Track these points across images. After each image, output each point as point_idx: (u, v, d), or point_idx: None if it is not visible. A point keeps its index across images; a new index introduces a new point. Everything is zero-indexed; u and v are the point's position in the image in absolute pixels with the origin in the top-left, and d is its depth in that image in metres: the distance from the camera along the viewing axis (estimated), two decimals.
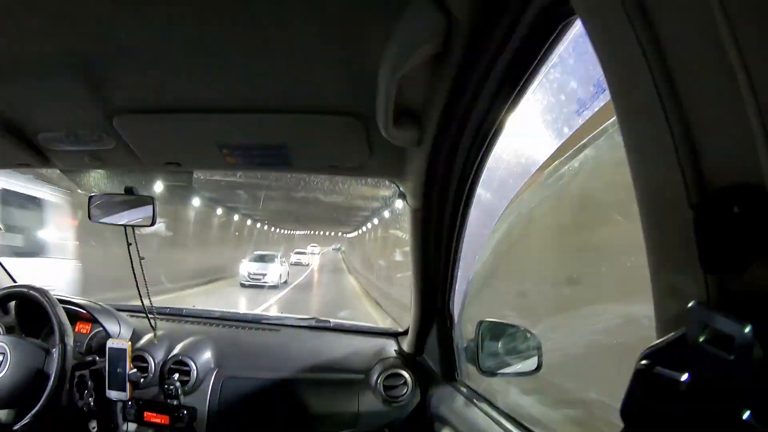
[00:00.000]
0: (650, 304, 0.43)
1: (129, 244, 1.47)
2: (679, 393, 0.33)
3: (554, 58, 0.77)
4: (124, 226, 1.49)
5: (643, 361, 0.37)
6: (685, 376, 0.33)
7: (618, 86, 0.43)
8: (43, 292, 1.47)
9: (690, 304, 0.35)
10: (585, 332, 1.71)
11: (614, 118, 0.46)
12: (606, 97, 1.27)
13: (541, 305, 2.16)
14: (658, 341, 0.38)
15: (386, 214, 18.30)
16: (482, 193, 1.29)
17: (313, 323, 1.87)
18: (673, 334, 0.36)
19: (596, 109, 1.37)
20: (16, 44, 0.82)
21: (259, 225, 28.30)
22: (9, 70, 0.90)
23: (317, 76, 0.87)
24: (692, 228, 0.35)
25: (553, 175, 1.96)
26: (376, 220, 21.25)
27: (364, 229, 26.41)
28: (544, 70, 0.79)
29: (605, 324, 1.64)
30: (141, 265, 1.54)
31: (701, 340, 0.33)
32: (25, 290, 1.50)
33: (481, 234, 1.78)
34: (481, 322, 1.40)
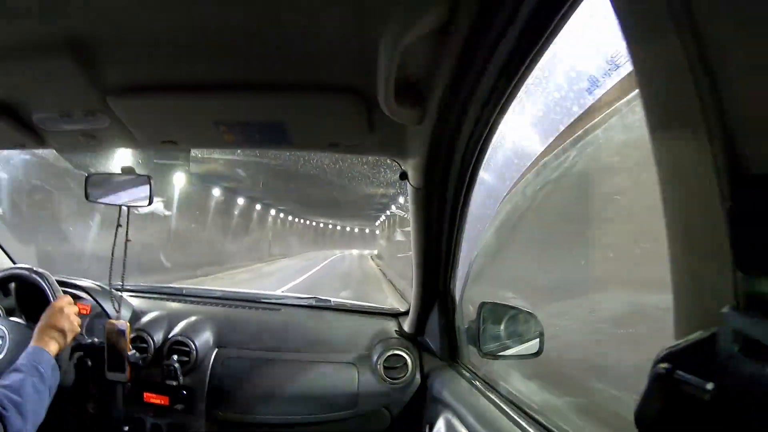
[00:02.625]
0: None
1: (119, 226, 1.45)
2: (702, 402, 0.31)
3: (566, 31, 0.72)
4: (120, 206, 1.47)
5: (662, 364, 0.34)
6: (710, 384, 0.31)
7: (644, 63, 0.39)
8: (42, 275, 1.46)
9: (724, 309, 0.32)
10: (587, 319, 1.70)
11: (628, 97, 0.42)
12: (619, 74, 1.21)
13: (540, 288, 2.15)
14: (678, 342, 0.35)
15: None
16: (485, 173, 1.25)
17: (313, 302, 1.86)
18: (696, 335, 0.34)
19: (609, 88, 1.31)
20: (9, 24, 0.80)
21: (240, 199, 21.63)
22: (1, 50, 0.88)
23: (316, 51, 0.84)
24: (725, 221, 0.32)
25: (561, 157, 1.91)
26: None
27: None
28: (554, 44, 0.75)
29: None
30: (126, 245, 1.51)
31: (736, 349, 0.30)
32: (25, 272, 1.49)
33: (484, 214, 1.75)
34: (483, 304, 1.39)
